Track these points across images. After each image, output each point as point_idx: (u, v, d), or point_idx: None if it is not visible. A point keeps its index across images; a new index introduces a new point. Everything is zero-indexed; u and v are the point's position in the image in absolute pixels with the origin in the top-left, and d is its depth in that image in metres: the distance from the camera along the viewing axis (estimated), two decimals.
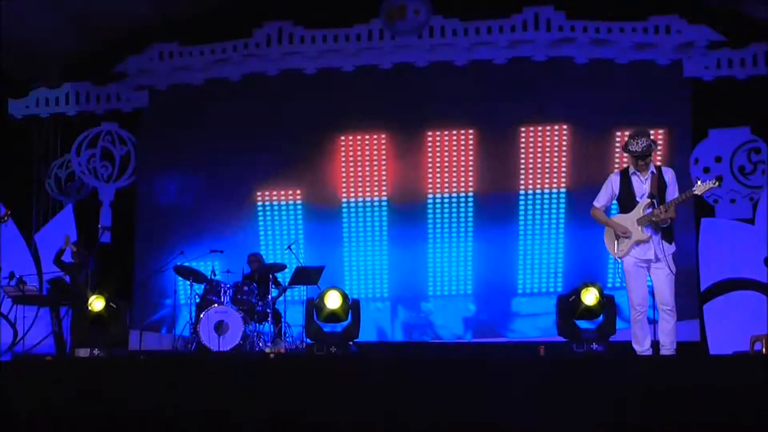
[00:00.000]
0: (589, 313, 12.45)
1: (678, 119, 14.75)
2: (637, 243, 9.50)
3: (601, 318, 12.49)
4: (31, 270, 14.79)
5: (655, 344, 9.73)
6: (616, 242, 9.66)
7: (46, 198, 16.40)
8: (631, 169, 9.61)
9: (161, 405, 7.82)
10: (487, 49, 15.49)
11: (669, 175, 9.58)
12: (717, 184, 9.50)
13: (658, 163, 9.83)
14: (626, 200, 9.65)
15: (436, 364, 8.40)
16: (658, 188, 9.44)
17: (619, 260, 9.72)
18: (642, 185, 9.55)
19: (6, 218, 10.81)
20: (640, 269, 9.57)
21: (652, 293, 9.69)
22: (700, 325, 13.78)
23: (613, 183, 9.76)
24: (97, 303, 12.87)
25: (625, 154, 9.72)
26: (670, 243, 9.53)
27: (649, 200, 9.43)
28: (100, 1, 15.18)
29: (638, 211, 9.50)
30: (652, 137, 9.58)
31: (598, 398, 7.39)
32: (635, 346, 9.67)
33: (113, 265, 15.03)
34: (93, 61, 16.39)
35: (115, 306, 13.02)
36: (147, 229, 16.03)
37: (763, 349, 11.08)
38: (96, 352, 12.52)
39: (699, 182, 9.45)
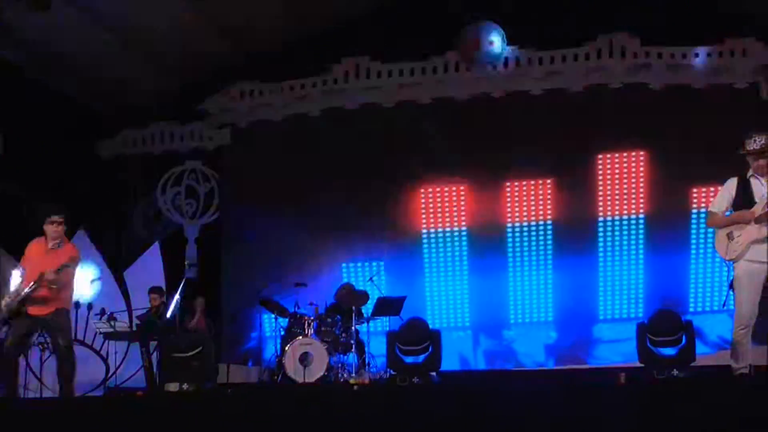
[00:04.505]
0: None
1: None
2: (754, 242, 8.96)
3: (681, 344, 12.41)
4: (120, 306, 14.98)
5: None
6: (728, 244, 9.16)
7: (133, 235, 16.71)
8: (750, 173, 9.17)
9: None
10: (562, 78, 15.51)
11: None
12: None
13: None
14: (744, 203, 9.14)
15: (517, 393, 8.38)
16: None
17: (731, 263, 9.20)
18: (762, 188, 9.06)
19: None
20: (754, 278, 8.99)
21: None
22: None
23: (730, 187, 9.31)
24: None
25: (745, 156, 9.14)
26: None
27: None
28: (182, 43, 15.46)
29: (756, 210, 8.99)
30: None
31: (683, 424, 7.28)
32: (732, 363, 9.17)
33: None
34: (177, 101, 16.74)
35: (202, 342, 13.17)
36: (231, 264, 16.23)
37: None
38: (185, 386, 12.65)
39: None
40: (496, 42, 15.43)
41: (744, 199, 9.19)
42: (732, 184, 9.34)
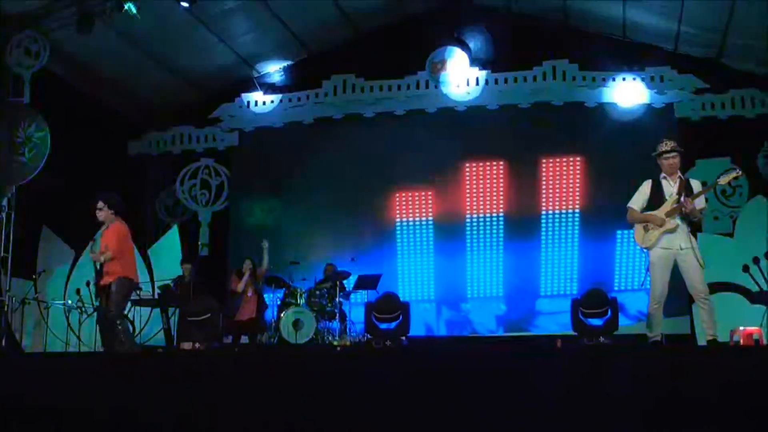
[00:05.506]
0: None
1: None
2: (666, 233, 8.98)
3: (607, 316, 12.49)
4: (145, 278, 14.95)
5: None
6: (644, 234, 9.17)
7: (156, 220, 16.71)
8: (662, 175, 9.22)
9: (250, 387, 7.91)
10: (514, 95, 15.58)
11: (696, 184, 9.16)
12: (740, 174, 9.30)
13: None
14: (656, 200, 9.16)
15: (472, 355, 8.40)
16: (685, 191, 9.03)
17: (646, 251, 9.22)
18: (670, 188, 9.13)
19: None
20: (665, 263, 9.02)
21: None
22: (690, 320, 13.54)
23: (645, 187, 9.31)
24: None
25: (659, 159, 9.21)
26: (695, 237, 9.13)
27: (676, 196, 9.00)
28: (201, 61, 15.50)
29: (666, 207, 9.03)
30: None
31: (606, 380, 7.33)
32: (647, 332, 9.20)
33: (210, 274, 15.20)
34: (195, 109, 16.73)
35: (212, 308, 13.18)
36: (237, 244, 16.19)
37: (740, 341, 10.72)
38: (197, 345, 12.66)
39: (722, 175, 9.24)
40: (460, 64, 15.57)
41: (656, 198, 9.23)
42: (647, 185, 9.36)
